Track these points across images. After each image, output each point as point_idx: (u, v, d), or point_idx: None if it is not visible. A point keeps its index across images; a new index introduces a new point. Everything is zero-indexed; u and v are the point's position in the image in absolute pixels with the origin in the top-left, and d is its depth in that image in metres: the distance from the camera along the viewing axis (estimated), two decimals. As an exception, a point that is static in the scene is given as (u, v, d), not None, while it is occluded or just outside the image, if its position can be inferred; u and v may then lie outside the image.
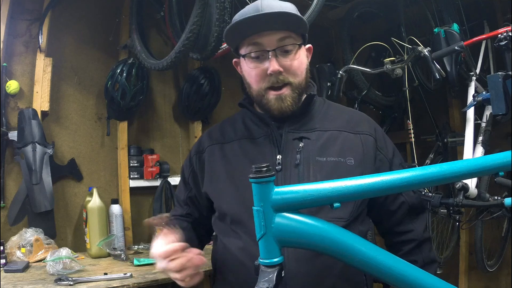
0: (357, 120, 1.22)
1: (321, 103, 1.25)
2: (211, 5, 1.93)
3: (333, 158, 1.11)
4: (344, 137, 1.16)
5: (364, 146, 1.16)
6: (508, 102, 1.68)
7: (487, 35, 2.07)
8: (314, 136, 1.15)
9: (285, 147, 1.13)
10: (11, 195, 2.14)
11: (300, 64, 1.14)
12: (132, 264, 1.99)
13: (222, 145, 1.22)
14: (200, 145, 1.28)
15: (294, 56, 1.12)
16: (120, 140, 2.53)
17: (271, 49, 1.09)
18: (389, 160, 1.20)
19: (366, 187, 0.83)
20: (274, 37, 1.09)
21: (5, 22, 2.16)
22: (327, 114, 1.22)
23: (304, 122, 1.17)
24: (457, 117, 2.87)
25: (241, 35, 1.12)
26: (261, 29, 1.08)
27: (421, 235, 1.21)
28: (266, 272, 0.81)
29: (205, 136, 1.30)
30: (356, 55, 2.54)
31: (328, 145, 1.14)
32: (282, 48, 1.10)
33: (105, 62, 2.55)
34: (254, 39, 1.10)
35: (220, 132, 1.26)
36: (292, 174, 1.10)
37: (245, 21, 1.07)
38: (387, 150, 1.21)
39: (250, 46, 1.11)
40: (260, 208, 0.81)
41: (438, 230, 2.55)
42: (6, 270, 1.80)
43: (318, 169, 1.10)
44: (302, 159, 1.11)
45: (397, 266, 0.83)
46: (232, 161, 1.17)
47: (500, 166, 0.87)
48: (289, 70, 1.11)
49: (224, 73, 2.80)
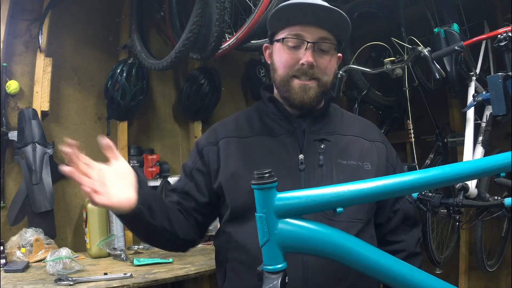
0: (368, 128, 1.25)
1: (336, 109, 1.27)
2: (211, 5, 1.93)
3: (354, 162, 1.13)
4: (361, 143, 1.18)
5: (379, 154, 1.19)
6: (508, 103, 1.68)
7: (487, 35, 2.07)
8: (334, 139, 1.16)
9: (307, 147, 1.13)
10: (11, 195, 2.14)
11: (332, 66, 1.15)
12: (132, 264, 1.98)
13: (239, 139, 1.17)
14: (211, 136, 1.21)
15: (329, 57, 1.13)
16: (120, 140, 2.53)
17: (312, 42, 1.09)
18: (393, 168, 1.23)
19: (368, 191, 0.83)
20: (317, 33, 1.10)
21: (5, 22, 2.16)
22: (343, 120, 1.24)
23: (323, 125, 1.18)
24: (457, 117, 2.86)
25: (286, 22, 1.11)
26: (307, 20, 1.08)
27: (412, 247, 1.22)
28: (270, 278, 0.80)
29: (217, 127, 1.24)
30: (356, 55, 2.54)
31: (348, 149, 1.16)
32: (321, 45, 1.11)
33: (105, 62, 2.55)
34: (297, 30, 1.10)
35: (235, 126, 1.21)
36: (316, 175, 1.10)
37: (295, 7, 1.07)
38: (393, 158, 1.25)
39: (291, 34, 1.11)
40: (263, 214, 0.81)
41: (438, 230, 2.54)
42: (6, 270, 1.80)
43: (341, 171, 1.11)
44: (325, 160, 1.11)
45: (401, 269, 0.83)
46: (253, 157, 1.14)
47: (501, 167, 0.87)
48: (321, 67, 1.12)
49: (224, 73, 2.80)
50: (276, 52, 1.16)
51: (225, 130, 1.21)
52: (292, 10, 1.09)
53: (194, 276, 1.90)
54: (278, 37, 1.14)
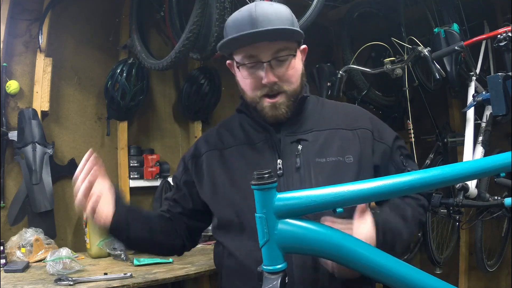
0: (353, 116, 1.21)
1: (315, 102, 1.24)
2: (211, 5, 1.93)
3: (333, 158, 1.11)
4: (342, 135, 1.16)
5: (362, 141, 1.15)
6: (508, 103, 1.68)
7: (487, 35, 2.07)
8: (311, 137, 1.14)
9: (284, 151, 1.13)
10: (11, 195, 2.14)
11: (295, 72, 1.13)
12: (132, 264, 1.98)
13: (221, 151, 1.20)
14: (196, 150, 1.26)
15: (289, 65, 1.11)
16: (120, 140, 2.53)
17: (266, 61, 1.08)
18: (389, 146, 1.18)
19: (368, 191, 0.83)
20: (270, 49, 1.08)
21: (5, 22, 2.16)
22: (322, 113, 1.21)
23: (300, 124, 1.17)
24: (457, 117, 2.87)
25: (236, 46, 1.10)
26: (256, 41, 1.07)
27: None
28: (270, 278, 0.80)
29: (201, 141, 1.28)
30: (356, 55, 2.55)
31: (327, 145, 1.14)
32: (277, 59, 1.09)
33: (105, 62, 2.55)
34: (249, 51, 1.09)
35: (217, 137, 1.24)
36: (294, 178, 1.09)
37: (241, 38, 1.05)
38: (386, 137, 1.20)
39: (245, 56, 1.10)
40: (263, 215, 0.81)
41: (438, 230, 2.55)
42: (6, 270, 1.79)
43: (319, 171, 1.09)
44: (302, 162, 1.10)
45: (399, 269, 0.83)
46: (233, 168, 1.16)
47: (501, 167, 0.88)
48: (283, 79, 1.10)
49: (224, 73, 2.80)
50: (238, 75, 1.16)
51: (208, 143, 1.24)
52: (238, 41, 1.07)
53: (194, 276, 1.89)
54: (235, 58, 1.13)
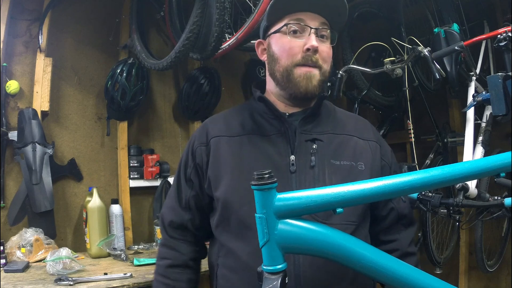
0: (362, 127, 1.23)
1: (330, 105, 1.24)
2: (211, 5, 1.93)
3: (347, 162, 1.11)
4: (355, 142, 1.16)
5: (373, 153, 1.17)
6: (508, 103, 1.67)
7: (487, 35, 2.07)
8: (326, 139, 1.13)
9: (298, 148, 1.10)
10: (11, 195, 2.14)
11: (331, 55, 1.14)
12: (132, 264, 1.99)
13: (229, 138, 1.14)
14: (202, 135, 1.19)
15: (329, 45, 1.13)
16: (120, 140, 2.53)
17: (315, 27, 1.08)
18: (389, 166, 1.21)
19: (368, 191, 0.83)
20: (317, 19, 1.09)
21: (5, 22, 2.16)
22: (336, 118, 1.21)
23: (315, 124, 1.15)
24: (457, 117, 2.86)
25: (286, 11, 1.10)
26: (307, 8, 1.08)
27: (406, 247, 1.19)
28: (270, 279, 0.80)
29: (208, 124, 1.21)
30: (356, 55, 2.54)
31: (341, 149, 1.13)
32: (322, 32, 1.10)
33: (105, 62, 2.55)
34: (297, 15, 1.09)
35: (224, 124, 1.19)
36: (308, 177, 1.07)
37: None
38: (388, 156, 1.23)
39: (293, 19, 1.10)
40: (263, 215, 0.81)
41: (438, 230, 2.55)
42: (6, 270, 1.80)
43: (333, 172, 1.08)
44: (317, 161, 1.09)
45: (399, 269, 0.83)
46: (244, 158, 1.11)
47: (501, 167, 0.88)
48: (322, 55, 1.10)
49: (224, 73, 2.80)
50: (275, 43, 1.13)
51: (216, 128, 1.18)
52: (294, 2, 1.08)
53: (194, 276, 1.89)
54: (277, 27, 1.12)
